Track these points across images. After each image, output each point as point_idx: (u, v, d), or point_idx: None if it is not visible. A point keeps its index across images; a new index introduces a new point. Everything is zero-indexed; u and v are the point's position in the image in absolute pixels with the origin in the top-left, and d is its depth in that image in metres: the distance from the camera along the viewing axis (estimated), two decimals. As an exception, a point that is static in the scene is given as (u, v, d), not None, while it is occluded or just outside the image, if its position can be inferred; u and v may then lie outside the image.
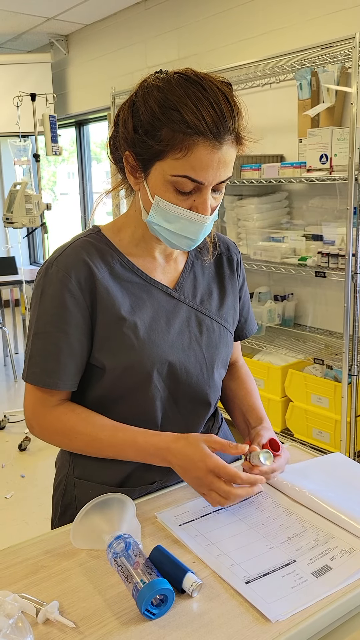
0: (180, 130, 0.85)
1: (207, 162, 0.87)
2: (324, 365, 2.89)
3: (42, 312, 0.97)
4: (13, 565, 0.86)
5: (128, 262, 1.02)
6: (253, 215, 3.20)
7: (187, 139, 0.85)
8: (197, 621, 0.74)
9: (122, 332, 0.98)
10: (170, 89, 0.87)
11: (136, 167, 0.94)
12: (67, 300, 0.96)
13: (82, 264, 0.97)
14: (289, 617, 0.74)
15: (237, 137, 0.90)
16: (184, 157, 0.87)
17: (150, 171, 0.92)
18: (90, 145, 5.89)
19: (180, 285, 1.07)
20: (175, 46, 4.08)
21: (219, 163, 0.88)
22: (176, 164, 0.88)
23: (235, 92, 0.92)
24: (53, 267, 0.98)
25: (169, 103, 0.86)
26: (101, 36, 4.90)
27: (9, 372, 4.68)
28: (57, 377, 0.97)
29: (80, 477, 1.08)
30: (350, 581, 0.81)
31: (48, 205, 3.65)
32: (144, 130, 0.89)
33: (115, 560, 0.81)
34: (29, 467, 3.12)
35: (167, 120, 0.86)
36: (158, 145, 0.88)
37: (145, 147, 0.90)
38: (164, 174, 0.89)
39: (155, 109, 0.87)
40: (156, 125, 0.87)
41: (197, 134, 0.85)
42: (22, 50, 5.82)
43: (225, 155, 0.89)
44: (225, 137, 0.87)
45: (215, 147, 0.87)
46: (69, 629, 0.74)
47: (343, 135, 2.61)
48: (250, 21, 3.47)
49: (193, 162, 0.87)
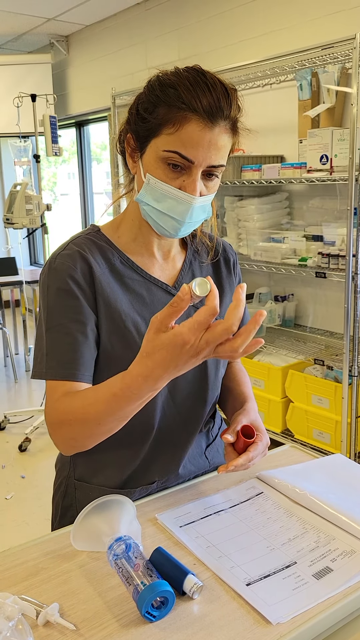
0: (175, 105, 0.89)
1: (198, 140, 0.89)
2: (324, 366, 2.89)
3: (52, 306, 0.96)
4: (13, 567, 0.86)
5: (128, 260, 1.03)
6: (253, 216, 3.20)
7: (180, 113, 0.88)
8: (198, 623, 0.74)
9: (125, 326, 0.98)
10: (174, 74, 0.92)
11: (135, 147, 0.97)
12: (75, 290, 0.96)
13: (84, 259, 0.98)
14: (290, 620, 0.74)
15: (232, 126, 0.92)
16: (176, 132, 0.89)
17: (145, 149, 0.94)
18: (91, 146, 5.89)
19: (179, 283, 1.07)
20: (176, 47, 4.08)
21: (209, 144, 0.90)
22: (169, 139, 0.90)
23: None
24: (57, 261, 0.98)
25: (169, 82, 0.91)
26: (101, 37, 4.90)
27: (9, 372, 4.68)
28: (75, 367, 0.94)
29: (81, 479, 1.08)
30: (351, 583, 0.80)
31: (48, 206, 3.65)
32: (144, 108, 0.93)
33: (116, 562, 0.81)
34: (29, 468, 3.12)
35: (165, 96, 0.90)
36: (154, 120, 0.91)
37: (143, 124, 0.93)
38: (157, 150, 0.92)
39: (156, 87, 0.92)
40: (155, 102, 0.91)
41: (190, 110, 0.88)
42: (23, 51, 5.82)
43: (218, 138, 0.90)
44: (218, 121, 0.89)
45: (207, 126, 0.88)
46: (69, 631, 0.73)
47: (343, 136, 2.61)
48: (251, 22, 3.47)
49: (184, 138, 0.89)
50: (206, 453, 1.14)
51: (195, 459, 1.11)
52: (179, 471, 1.08)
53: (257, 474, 1.11)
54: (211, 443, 1.15)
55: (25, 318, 4.78)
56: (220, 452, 1.17)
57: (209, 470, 1.14)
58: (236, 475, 1.11)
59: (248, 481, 1.09)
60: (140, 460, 1.05)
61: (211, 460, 1.14)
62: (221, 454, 1.17)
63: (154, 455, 1.06)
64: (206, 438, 1.14)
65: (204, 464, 1.13)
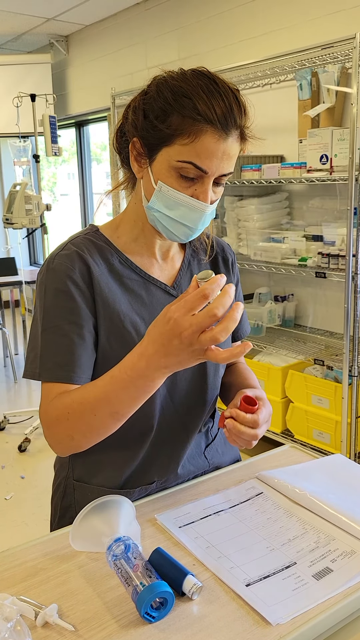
0: (191, 117, 0.88)
1: (213, 151, 0.89)
2: (324, 366, 2.89)
3: (49, 307, 0.96)
4: (12, 567, 0.86)
5: (127, 260, 1.02)
6: (253, 216, 3.20)
7: (196, 125, 0.88)
8: (197, 624, 0.74)
9: (124, 327, 0.98)
10: (184, 80, 0.90)
11: (142, 153, 0.95)
12: (73, 292, 0.95)
13: (82, 260, 0.97)
14: (289, 620, 0.74)
15: (241, 134, 0.93)
16: (191, 143, 0.88)
17: (155, 157, 0.93)
18: (91, 146, 5.89)
19: (178, 283, 1.07)
20: (176, 47, 4.08)
21: (223, 154, 0.90)
22: (183, 149, 0.89)
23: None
24: (55, 261, 0.97)
25: (182, 91, 0.89)
26: (101, 37, 4.90)
27: (8, 373, 4.68)
28: (72, 369, 0.94)
29: (79, 479, 1.08)
30: (351, 584, 0.80)
31: (48, 206, 3.65)
32: (155, 115, 0.91)
33: (115, 563, 0.81)
34: (28, 468, 3.12)
35: (179, 107, 0.88)
36: (167, 129, 0.90)
37: (154, 132, 0.91)
38: (170, 159, 0.91)
39: (169, 95, 0.90)
40: (167, 110, 0.90)
41: (206, 122, 0.87)
42: (22, 50, 5.82)
43: (230, 148, 0.91)
44: (231, 130, 0.90)
45: (221, 137, 0.89)
46: (68, 632, 0.73)
47: (343, 136, 2.61)
48: (251, 22, 3.47)
49: (199, 149, 0.88)
50: (205, 453, 1.13)
51: (194, 459, 1.11)
52: (178, 471, 1.07)
53: (257, 474, 1.10)
54: (210, 443, 1.15)
55: (25, 318, 4.77)
56: (220, 452, 1.16)
57: (208, 470, 1.13)
58: (236, 476, 1.11)
59: (248, 481, 1.08)
60: (139, 461, 1.05)
61: (210, 460, 1.14)
62: (221, 454, 1.17)
63: (153, 455, 1.05)
64: (205, 438, 1.14)
65: (203, 463, 1.13)
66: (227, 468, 1.15)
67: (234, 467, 1.15)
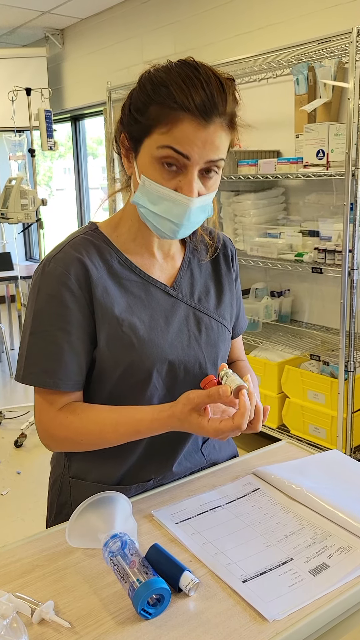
0: (167, 105, 0.86)
1: (192, 138, 0.86)
2: (320, 362, 2.89)
3: (39, 310, 0.95)
4: (8, 564, 0.86)
5: (126, 260, 1.01)
6: (249, 211, 3.19)
7: (172, 113, 0.86)
8: (194, 620, 0.74)
9: (122, 331, 0.97)
10: (166, 70, 0.89)
11: (129, 148, 0.95)
12: (66, 299, 0.94)
13: (80, 263, 0.95)
14: (286, 616, 0.74)
15: (230, 122, 0.90)
16: (169, 131, 0.87)
17: (139, 150, 0.92)
18: (87, 141, 5.87)
19: (177, 284, 1.06)
20: (172, 40, 4.06)
21: (205, 142, 0.87)
22: (161, 137, 0.88)
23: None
24: (51, 265, 0.96)
25: (160, 80, 0.88)
26: (97, 30, 4.87)
27: (4, 368, 4.67)
28: (58, 376, 0.95)
29: (76, 476, 1.08)
30: (347, 579, 0.80)
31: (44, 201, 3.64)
32: (135, 108, 0.90)
33: (111, 559, 0.81)
34: (25, 463, 3.11)
35: (156, 96, 0.87)
36: (146, 120, 0.88)
37: (135, 124, 0.91)
38: (151, 149, 0.89)
39: (148, 86, 0.89)
40: (146, 101, 0.89)
41: (183, 110, 0.85)
42: (17, 44, 5.78)
43: (213, 136, 0.88)
44: (213, 118, 0.87)
45: (201, 124, 0.86)
46: (64, 629, 0.73)
47: (340, 131, 2.60)
48: (247, 16, 3.45)
49: (178, 136, 0.86)
50: (202, 449, 1.13)
51: (191, 455, 1.11)
52: (173, 468, 1.07)
53: (253, 470, 1.10)
54: (207, 439, 1.15)
55: (20, 314, 4.76)
56: (217, 449, 1.16)
57: (205, 466, 1.13)
58: (232, 472, 1.11)
59: (244, 477, 1.08)
60: (136, 458, 1.04)
61: (207, 456, 1.14)
62: (217, 450, 1.16)
63: (150, 452, 1.05)
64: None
65: (200, 460, 1.12)
66: (224, 464, 1.15)
67: (230, 463, 1.15)
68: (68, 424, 0.96)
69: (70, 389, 0.97)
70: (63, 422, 0.96)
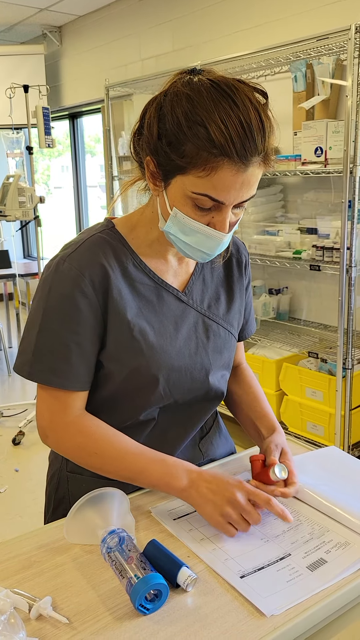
0: (205, 149, 0.81)
1: (230, 184, 0.84)
2: (318, 359, 2.89)
3: (50, 308, 0.93)
4: (6, 560, 0.86)
5: (141, 263, 0.99)
6: (248, 209, 3.19)
7: (211, 159, 0.81)
8: (192, 616, 0.74)
9: (132, 335, 0.96)
10: (200, 101, 0.82)
11: (156, 174, 0.90)
12: (79, 301, 0.92)
13: (97, 264, 0.94)
14: (284, 612, 0.74)
15: (265, 158, 0.86)
16: (207, 177, 0.83)
17: (170, 182, 0.88)
18: (84, 139, 5.86)
19: (189, 289, 1.04)
20: (170, 38, 4.05)
21: (242, 185, 0.85)
22: (198, 181, 0.84)
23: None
24: (65, 264, 0.93)
25: (196, 117, 0.81)
26: (95, 28, 4.86)
27: (2, 366, 4.67)
28: (66, 376, 0.94)
29: (73, 471, 1.07)
30: (345, 575, 0.80)
31: (41, 198, 3.63)
32: (168, 140, 0.85)
33: (109, 555, 0.81)
34: (23, 461, 3.11)
35: (193, 136, 0.82)
36: (181, 160, 0.84)
37: (167, 157, 0.86)
38: (184, 188, 0.86)
39: (182, 121, 0.83)
40: (181, 138, 0.83)
41: (223, 155, 0.81)
42: (15, 41, 5.76)
43: (250, 177, 0.85)
44: (252, 159, 0.83)
45: (240, 169, 0.83)
46: (62, 625, 0.73)
47: (338, 128, 2.60)
48: (246, 13, 3.45)
49: (215, 182, 0.83)
50: (200, 445, 1.13)
51: (188, 451, 1.10)
52: None
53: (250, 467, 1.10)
54: (205, 435, 1.15)
55: (18, 312, 4.75)
56: (215, 445, 1.16)
57: (202, 462, 1.13)
58: (229, 468, 1.11)
59: (242, 473, 1.08)
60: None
61: (205, 452, 1.14)
62: (215, 446, 1.16)
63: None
64: (200, 430, 1.14)
65: (197, 455, 1.12)
66: (221, 460, 1.15)
67: (228, 459, 1.15)
68: (88, 435, 0.96)
69: (77, 389, 0.96)
70: (82, 431, 0.96)
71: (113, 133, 4.16)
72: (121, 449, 0.94)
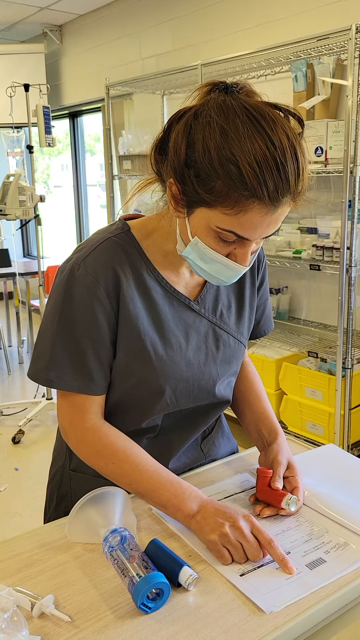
0: (237, 190, 0.78)
1: (258, 224, 0.81)
2: (318, 358, 2.90)
3: (67, 315, 0.92)
4: (8, 559, 0.86)
5: (154, 270, 0.98)
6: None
7: (242, 200, 0.78)
8: (193, 615, 0.74)
9: (143, 345, 0.96)
10: (234, 137, 0.77)
11: (179, 200, 0.86)
12: (95, 308, 0.92)
13: (111, 270, 0.92)
14: (285, 610, 0.74)
15: (294, 197, 0.83)
16: (234, 215, 0.80)
17: (194, 211, 0.85)
18: (85, 138, 5.85)
19: (202, 299, 1.03)
20: (170, 37, 4.05)
21: (269, 224, 0.83)
22: (224, 218, 0.81)
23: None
24: (80, 270, 0.92)
25: (229, 155, 0.77)
26: (95, 26, 4.86)
27: (2, 365, 4.67)
28: (84, 382, 0.94)
29: (76, 469, 1.08)
30: (344, 573, 0.81)
31: (42, 197, 3.63)
32: (196, 173, 0.81)
33: (111, 554, 0.81)
34: (23, 459, 3.12)
35: (224, 174, 0.77)
36: (209, 195, 0.80)
37: (194, 190, 0.82)
38: (209, 221, 0.83)
39: (214, 157, 0.78)
40: (211, 174, 0.79)
41: (254, 198, 0.78)
42: (15, 40, 5.76)
43: (279, 216, 0.83)
44: (283, 200, 0.81)
45: (270, 210, 0.80)
46: (64, 623, 0.73)
47: (338, 128, 2.60)
48: (246, 12, 3.45)
49: (243, 222, 0.81)
50: (202, 446, 1.13)
51: (190, 451, 1.11)
52: (171, 464, 1.07)
53: (252, 467, 1.11)
54: (207, 436, 1.15)
55: (18, 310, 4.75)
56: (216, 445, 1.17)
57: (204, 462, 1.14)
58: (231, 468, 1.11)
59: (243, 473, 1.09)
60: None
61: (206, 452, 1.14)
62: (217, 447, 1.17)
63: (150, 451, 1.05)
64: (202, 432, 1.14)
65: (199, 456, 1.13)
66: (223, 460, 1.15)
67: (229, 459, 1.16)
68: (108, 444, 0.95)
69: (95, 393, 0.96)
70: (102, 439, 0.96)
71: (113, 132, 4.16)
72: (139, 463, 0.94)
